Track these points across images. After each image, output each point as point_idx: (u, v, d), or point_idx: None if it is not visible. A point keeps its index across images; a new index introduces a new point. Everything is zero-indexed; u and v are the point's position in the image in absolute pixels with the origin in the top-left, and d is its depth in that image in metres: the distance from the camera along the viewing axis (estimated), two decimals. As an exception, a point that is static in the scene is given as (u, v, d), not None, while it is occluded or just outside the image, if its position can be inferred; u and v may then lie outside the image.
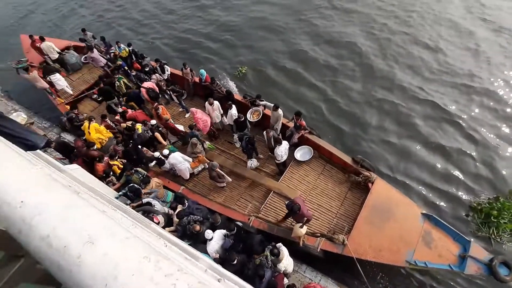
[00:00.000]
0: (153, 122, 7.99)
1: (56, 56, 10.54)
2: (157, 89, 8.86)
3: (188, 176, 7.62)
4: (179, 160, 7.23)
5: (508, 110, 9.24)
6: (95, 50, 9.96)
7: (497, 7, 12.62)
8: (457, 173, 8.16)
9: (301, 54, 11.87)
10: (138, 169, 6.96)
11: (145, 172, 7.01)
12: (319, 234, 6.03)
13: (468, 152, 8.47)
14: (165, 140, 8.16)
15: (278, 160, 7.02)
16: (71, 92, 10.07)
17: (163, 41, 13.73)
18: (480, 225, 7.14)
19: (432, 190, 7.94)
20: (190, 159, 7.45)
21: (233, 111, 7.73)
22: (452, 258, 5.40)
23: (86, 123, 7.91)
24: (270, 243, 5.44)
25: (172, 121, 8.44)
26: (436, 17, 12.51)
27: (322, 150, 7.49)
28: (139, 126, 7.91)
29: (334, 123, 9.56)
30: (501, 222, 6.96)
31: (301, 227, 5.77)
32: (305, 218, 5.77)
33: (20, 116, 9.33)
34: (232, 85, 11.08)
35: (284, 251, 5.33)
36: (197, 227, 5.59)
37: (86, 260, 0.96)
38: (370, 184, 6.55)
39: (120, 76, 9.57)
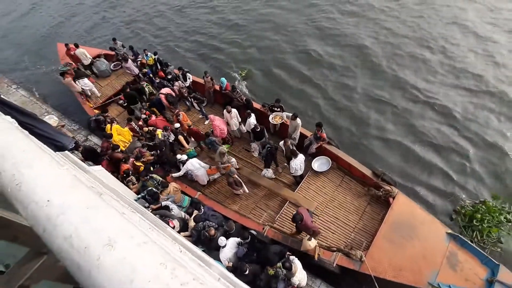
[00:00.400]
0: (177, 125, 8.20)
1: (89, 61, 11.17)
2: (174, 94, 9.22)
3: (205, 182, 7.68)
4: (196, 167, 7.32)
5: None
6: (129, 60, 10.46)
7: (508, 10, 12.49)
8: (449, 173, 8.15)
9: (307, 57, 12.20)
10: (153, 175, 7.12)
11: (160, 178, 7.15)
12: (335, 249, 5.83)
13: (464, 153, 8.49)
14: (188, 144, 8.35)
15: (292, 173, 6.95)
16: (98, 94, 10.62)
17: (179, 44, 14.47)
18: (463, 228, 6.96)
19: (421, 189, 7.97)
20: (207, 166, 7.52)
21: (252, 119, 7.78)
22: (478, 282, 5.04)
23: (108, 125, 8.27)
24: (287, 255, 5.33)
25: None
26: (443, 22, 12.52)
27: (340, 161, 7.32)
28: (159, 132, 8.15)
29: (337, 124, 9.75)
30: (485, 226, 6.74)
31: (309, 239, 5.62)
32: (311, 230, 5.63)
33: (52, 119, 9.88)
34: (243, 88, 11.44)
35: (297, 264, 5.19)
36: (212, 231, 5.64)
37: (105, 263, 0.97)
38: (391, 199, 6.29)
39: (146, 83, 10.03)
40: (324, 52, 12.21)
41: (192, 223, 6.12)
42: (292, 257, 5.23)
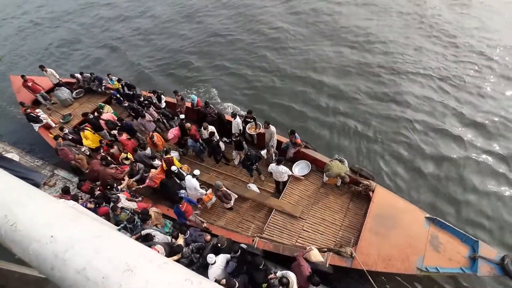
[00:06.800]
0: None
1: (57, 81, 10.91)
2: (115, 119, 9.22)
3: (196, 203, 7.39)
4: (192, 187, 6.95)
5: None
6: (147, 115, 8.98)
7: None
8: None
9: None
10: (124, 206, 6.75)
11: (132, 207, 6.80)
12: (326, 249, 5.93)
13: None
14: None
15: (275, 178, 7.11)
16: (54, 125, 10.05)
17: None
18: None
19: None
20: (204, 192, 7.19)
21: (238, 120, 8.05)
22: (462, 261, 5.36)
23: (82, 133, 8.83)
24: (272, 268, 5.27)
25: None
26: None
27: (319, 163, 7.55)
28: (129, 155, 8.09)
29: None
30: None
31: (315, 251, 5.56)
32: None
33: (13, 157, 9.09)
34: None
35: (292, 277, 5.13)
36: (208, 237, 5.76)
37: (128, 289, 0.96)
38: (371, 193, 6.59)
39: (101, 104, 10.08)
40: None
41: (181, 241, 5.93)
42: (285, 272, 5.07)
